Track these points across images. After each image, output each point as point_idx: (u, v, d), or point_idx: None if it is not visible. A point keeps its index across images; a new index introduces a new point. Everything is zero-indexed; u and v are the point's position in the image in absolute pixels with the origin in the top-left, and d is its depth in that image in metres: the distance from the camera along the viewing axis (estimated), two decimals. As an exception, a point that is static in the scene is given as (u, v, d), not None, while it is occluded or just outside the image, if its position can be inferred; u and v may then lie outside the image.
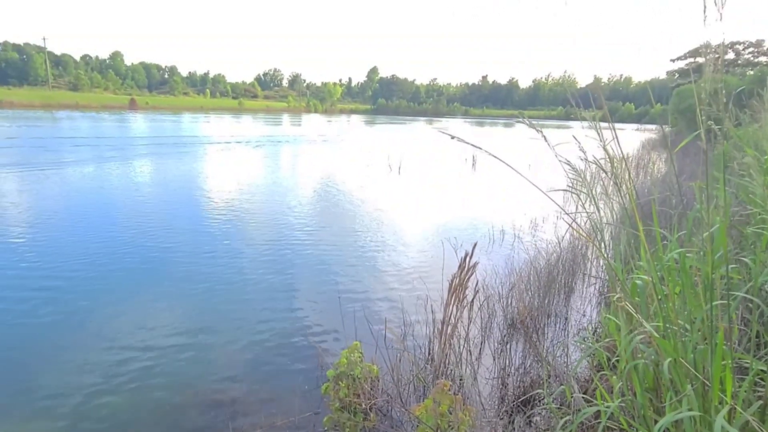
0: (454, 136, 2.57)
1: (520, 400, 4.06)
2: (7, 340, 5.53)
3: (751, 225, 3.54)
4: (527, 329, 5.32)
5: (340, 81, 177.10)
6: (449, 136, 2.56)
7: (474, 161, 24.61)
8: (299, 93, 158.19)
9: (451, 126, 74.79)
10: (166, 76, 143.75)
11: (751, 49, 46.67)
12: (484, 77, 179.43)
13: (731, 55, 46.99)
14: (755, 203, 3.65)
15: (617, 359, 2.72)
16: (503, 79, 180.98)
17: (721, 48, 1.97)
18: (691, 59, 48.69)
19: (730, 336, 2.04)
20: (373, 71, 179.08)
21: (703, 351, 2.13)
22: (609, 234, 6.19)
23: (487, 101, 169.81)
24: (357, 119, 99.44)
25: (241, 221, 11.14)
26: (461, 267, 4.41)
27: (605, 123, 2.78)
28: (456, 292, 4.43)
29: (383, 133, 53.85)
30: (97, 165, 19.47)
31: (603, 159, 2.83)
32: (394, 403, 4.08)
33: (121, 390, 4.62)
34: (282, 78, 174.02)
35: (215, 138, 36.08)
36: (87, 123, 47.90)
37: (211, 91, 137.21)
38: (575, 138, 2.92)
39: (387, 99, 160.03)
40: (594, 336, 4.89)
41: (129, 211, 11.71)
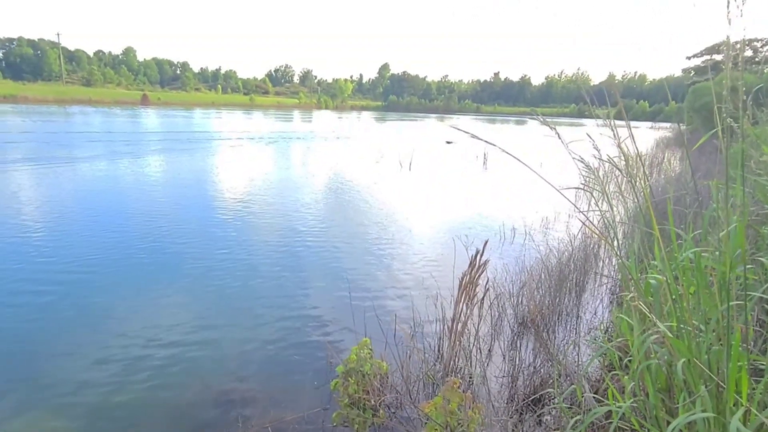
0: (467, 132, 2.56)
1: (530, 399, 4.04)
2: (23, 333, 5.61)
3: (768, 225, 3.50)
4: (538, 328, 5.30)
5: (351, 77, 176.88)
6: (463, 131, 2.55)
7: (485, 159, 24.50)
8: (310, 89, 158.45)
9: (462, 123, 74.56)
10: (178, 71, 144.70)
11: (770, 46, 45.93)
12: (495, 74, 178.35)
13: (749, 53, 46.27)
14: (773, 203, 3.60)
15: (629, 359, 2.70)
16: (515, 76, 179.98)
17: (742, 45, 1.94)
18: (708, 56, 48.05)
19: (746, 337, 2.02)
20: (384, 68, 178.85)
21: (718, 352, 2.11)
22: (622, 233, 6.14)
23: (499, 98, 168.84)
24: (368, 116, 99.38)
25: (253, 218, 11.19)
26: (472, 265, 4.40)
27: (620, 120, 2.75)
28: (466, 289, 4.42)
29: (394, 130, 53.78)
30: (110, 161, 19.65)
31: (617, 157, 2.81)
32: (403, 400, 4.09)
33: (134, 384, 4.67)
34: (293, 74, 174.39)
35: (226, 134, 36.27)
36: (99, 118, 48.37)
37: (223, 87, 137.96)
38: (589, 136, 2.90)
39: (398, 96, 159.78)
40: (605, 335, 4.86)
41: (142, 207, 11.81)
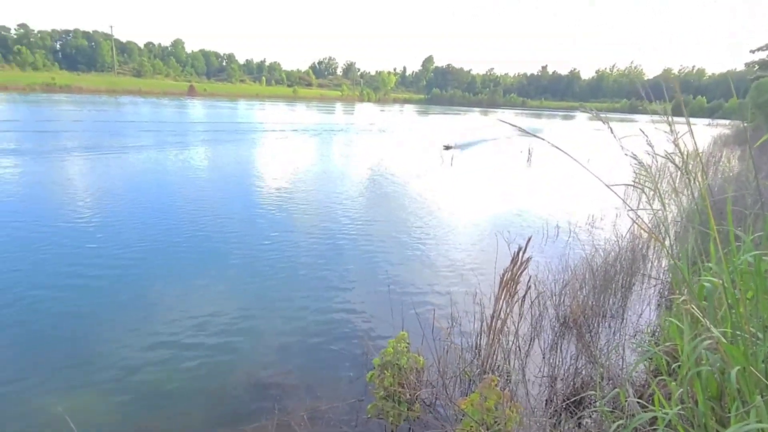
0: (515, 125, 2.52)
1: (570, 400, 3.96)
2: (77, 315, 5.94)
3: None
4: (580, 329, 5.18)
5: (394, 70, 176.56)
6: (510, 124, 2.51)
7: (530, 153, 24.05)
8: (353, 82, 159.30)
9: (507, 117, 73.28)
10: (224, 63, 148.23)
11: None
12: (543, 67, 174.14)
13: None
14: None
15: (678, 365, 2.60)
16: (564, 70, 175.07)
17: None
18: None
19: (808, 346, 1.92)
20: (429, 60, 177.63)
21: (777, 361, 2.01)
22: (673, 233, 5.92)
23: (546, 92, 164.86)
24: (410, 109, 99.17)
25: (295, 208, 11.39)
26: (514, 261, 4.34)
27: (677, 117, 2.64)
28: (507, 286, 4.37)
29: (436, 123, 53.45)
30: (158, 150, 20.33)
31: (672, 153, 2.70)
32: (439, 395, 4.09)
33: (177, 369, 4.87)
34: (336, 66, 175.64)
35: (270, 125, 36.97)
36: (148, 108, 50.16)
37: (267, 79, 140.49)
38: (642, 131, 2.80)
39: (441, 89, 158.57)
40: (652, 339, 4.70)
41: (189, 196, 12.21)
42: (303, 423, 3.93)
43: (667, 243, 2.70)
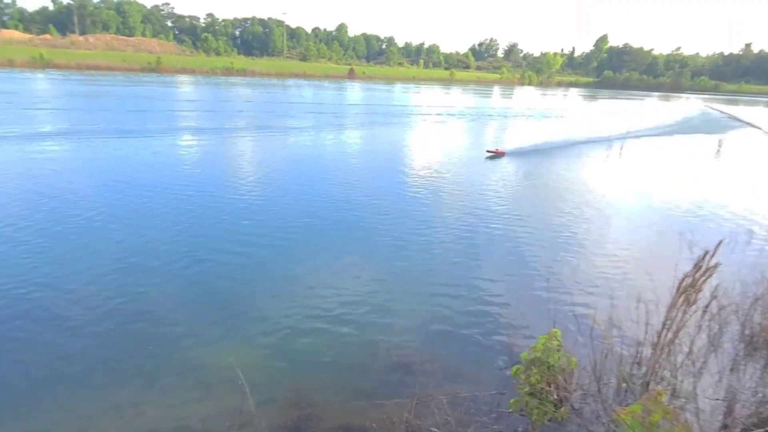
0: (724, 112, 2.30)
1: (750, 431, 3.54)
2: (243, 278, 6.84)
3: None
4: (773, 352, 4.55)
5: (561, 51, 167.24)
6: (718, 111, 2.30)
7: (719, 145, 21.24)
8: (514, 64, 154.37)
9: (695, 103, 65.23)
10: (384, 46, 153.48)
11: None
12: (747, 45, 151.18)
13: None
14: None
15: None
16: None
17: None
18: None
19: None
20: (602, 40, 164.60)
21: None
22: None
23: (747, 75, 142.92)
24: (576, 93, 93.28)
25: (447, 196, 11.51)
26: (697, 266, 3.94)
27: None
28: (685, 294, 3.99)
29: (605, 109, 49.59)
30: (317, 131, 21.92)
31: None
32: (591, 401, 3.92)
33: (325, 338, 5.35)
34: (497, 48, 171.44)
35: (425, 109, 37.60)
36: (311, 91, 54.18)
37: (425, 62, 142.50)
38: None
39: (615, 71, 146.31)
40: None
41: (343, 177, 13.05)
42: (442, 407, 4.00)
43: None
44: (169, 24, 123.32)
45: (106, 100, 32.01)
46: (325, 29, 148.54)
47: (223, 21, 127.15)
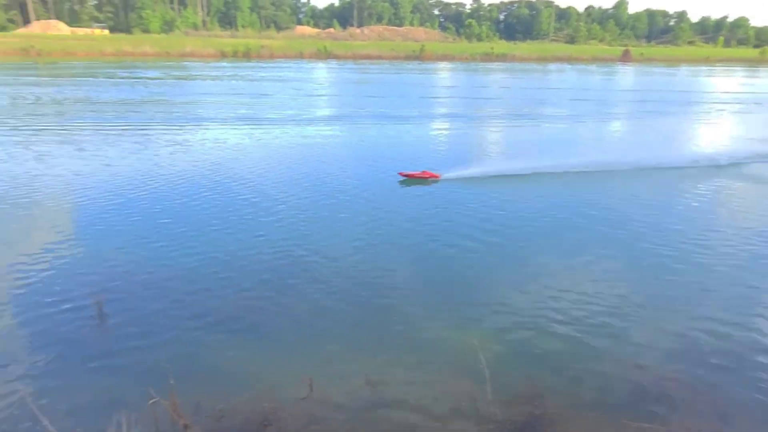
0: None
1: None
2: (478, 266, 7.41)
3: None
4: None
5: None
6: None
7: None
8: None
9: None
10: (671, 23, 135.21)
11: None
12: None
13: None
14: None
15: None
16: None
17: None
18: None
19: None
20: None
21: None
22: None
23: None
24: None
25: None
26: None
27: None
28: None
29: None
30: (574, 121, 20.77)
31: None
32: None
33: (562, 347, 5.30)
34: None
35: (719, 96, 32.43)
36: (574, 75, 51.03)
37: (726, 39, 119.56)
38: None
39: None
40: None
41: (601, 176, 12.40)
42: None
43: None
44: (436, 12, 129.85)
45: (371, 87, 35.95)
46: (600, 7, 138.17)
47: (489, 5, 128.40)
